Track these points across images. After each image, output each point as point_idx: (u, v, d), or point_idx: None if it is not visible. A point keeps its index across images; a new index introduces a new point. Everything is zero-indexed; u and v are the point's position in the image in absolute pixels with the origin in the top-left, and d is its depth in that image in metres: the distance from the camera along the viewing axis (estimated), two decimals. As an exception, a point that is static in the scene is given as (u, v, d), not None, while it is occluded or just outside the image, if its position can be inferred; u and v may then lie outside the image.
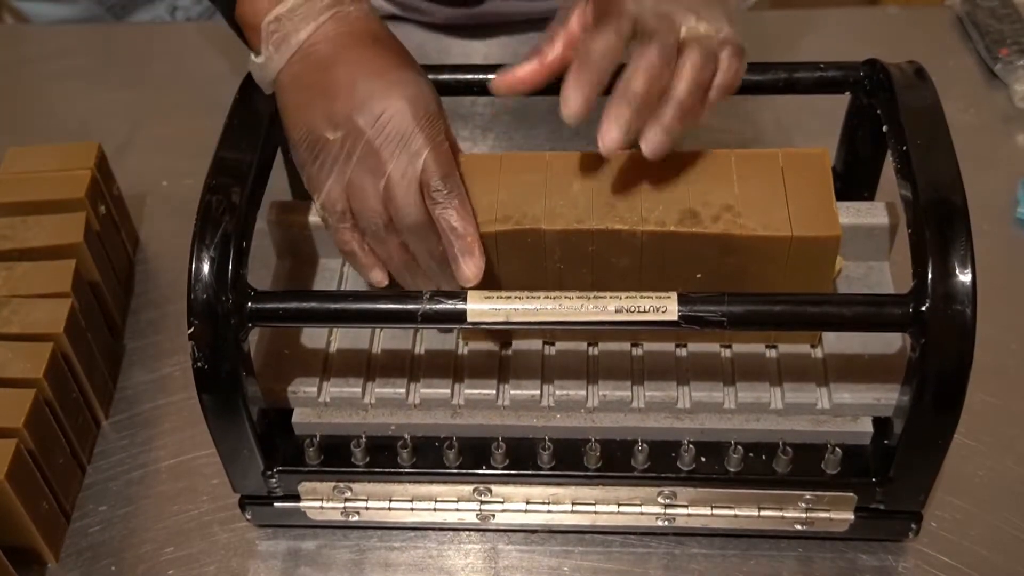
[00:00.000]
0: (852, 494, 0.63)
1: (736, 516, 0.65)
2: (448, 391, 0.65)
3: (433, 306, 0.57)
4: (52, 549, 0.68)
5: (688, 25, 0.58)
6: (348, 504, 0.66)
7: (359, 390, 0.65)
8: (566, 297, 0.57)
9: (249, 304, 0.58)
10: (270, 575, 0.67)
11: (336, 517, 0.67)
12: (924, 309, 0.55)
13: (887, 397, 0.63)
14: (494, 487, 0.65)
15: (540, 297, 0.57)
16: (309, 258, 0.72)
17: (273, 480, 0.65)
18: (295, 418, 0.66)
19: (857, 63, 0.67)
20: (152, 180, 0.92)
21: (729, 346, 0.66)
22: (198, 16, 1.13)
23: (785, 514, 0.64)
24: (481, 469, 0.64)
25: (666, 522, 0.65)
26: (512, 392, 0.65)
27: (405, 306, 0.57)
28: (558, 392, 0.65)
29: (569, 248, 0.61)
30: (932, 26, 1.01)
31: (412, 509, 0.66)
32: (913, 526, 0.65)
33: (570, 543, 0.68)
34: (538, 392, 0.65)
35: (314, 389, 0.65)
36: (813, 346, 0.66)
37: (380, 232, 0.61)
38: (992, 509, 0.68)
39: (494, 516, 0.66)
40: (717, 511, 0.65)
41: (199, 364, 0.58)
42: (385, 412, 0.66)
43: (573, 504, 0.65)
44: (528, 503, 0.66)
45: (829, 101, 0.70)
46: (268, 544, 0.69)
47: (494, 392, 0.65)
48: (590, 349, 0.67)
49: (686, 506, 0.65)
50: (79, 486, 0.72)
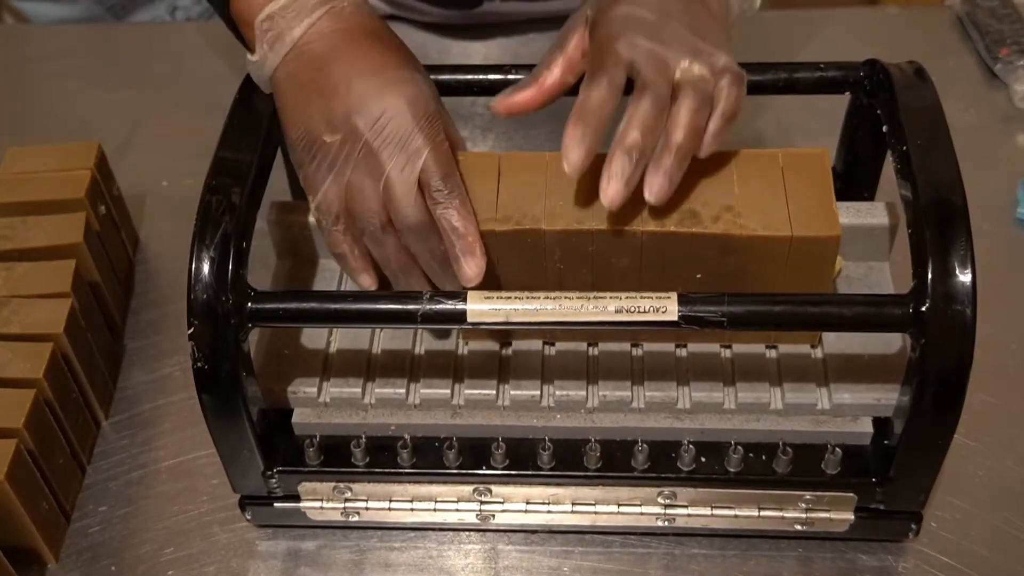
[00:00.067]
0: (852, 494, 0.63)
1: (736, 516, 0.65)
2: (448, 391, 0.65)
3: (433, 306, 0.57)
4: (52, 549, 0.68)
5: (682, 67, 0.58)
6: (348, 504, 0.66)
7: (359, 390, 0.65)
8: (566, 297, 0.57)
9: (249, 304, 0.58)
10: (270, 575, 0.67)
11: (336, 517, 0.67)
12: (924, 309, 0.55)
13: (887, 397, 0.63)
14: (494, 487, 0.65)
15: (540, 297, 0.57)
16: (309, 258, 0.72)
17: (273, 480, 0.65)
18: (295, 418, 0.66)
19: (857, 63, 0.67)
20: (152, 180, 0.92)
21: (729, 346, 0.66)
22: (198, 16, 1.13)
23: (785, 514, 0.64)
24: (481, 469, 0.64)
25: (666, 522, 0.65)
26: (512, 392, 0.65)
27: (405, 306, 0.57)
28: (558, 392, 0.65)
29: (569, 248, 0.61)
30: (932, 26, 1.01)
31: (412, 509, 0.66)
32: (913, 526, 0.65)
33: (570, 543, 0.68)
34: (538, 392, 0.65)
35: (314, 389, 0.65)
36: (813, 346, 0.66)
37: (378, 233, 0.61)
38: (992, 509, 0.68)
39: (494, 516, 0.66)
40: (717, 511, 0.65)
41: (199, 364, 0.58)
42: (385, 412, 0.66)
43: (573, 504, 0.65)
44: (528, 503, 0.66)
45: (829, 101, 0.70)
46: (268, 544, 0.69)
47: (494, 392, 0.65)
48: (590, 349, 0.67)
49: (686, 506, 0.65)
50: (79, 486, 0.72)
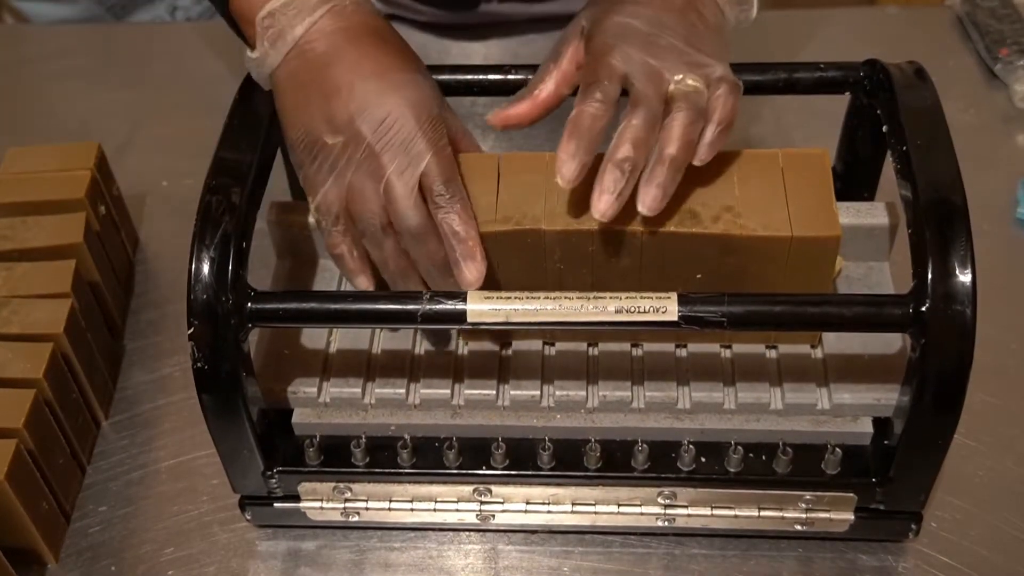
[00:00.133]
0: (852, 494, 0.63)
1: (736, 516, 0.65)
2: (448, 391, 0.65)
3: (433, 306, 0.57)
4: (52, 549, 0.68)
5: (676, 80, 0.58)
6: (348, 504, 0.66)
7: (359, 390, 0.65)
8: (566, 297, 0.57)
9: (249, 304, 0.58)
10: (270, 575, 0.67)
11: (336, 517, 0.67)
12: (924, 309, 0.55)
13: (887, 397, 0.63)
14: (494, 487, 0.65)
15: (540, 297, 0.57)
16: (309, 258, 0.72)
17: (273, 480, 0.65)
18: (295, 418, 0.66)
19: (857, 63, 0.67)
20: (152, 180, 0.92)
21: (729, 346, 0.66)
22: (198, 16, 1.13)
23: (785, 514, 0.64)
24: (481, 469, 0.64)
25: (666, 522, 0.65)
26: (512, 392, 0.65)
27: (405, 306, 0.57)
28: (558, 392, 0.65)
29: (569, 248, 0.61)
30: (932, 26, 1.01)
31: (412, 509, 0.66)
32: (913, 526, 0.65)
33: (570, 543, 0.68)
34: (538, 392, 0.65)
35: (314, 389, 0.65)
36: (813, 346, 0.66)
37: (378, 235, 0.61)
38: (992, 509, 0.68)
39: (494, 516, 0.66)
40: (717, 511, 0.65)
41: (199, 364, 0.58)
42: (385, 412, 0.66)
43: (573, 504, 0.65)
44: (528, 503, 0.66)
45: (829, 101, 0.70)
46: (268, 544, 0.69)
47: (494, 392, 0.65)
48: (590, 349, 0.67)
49: (686, 506, 0.65)
50: (79, 486, 0.72)
